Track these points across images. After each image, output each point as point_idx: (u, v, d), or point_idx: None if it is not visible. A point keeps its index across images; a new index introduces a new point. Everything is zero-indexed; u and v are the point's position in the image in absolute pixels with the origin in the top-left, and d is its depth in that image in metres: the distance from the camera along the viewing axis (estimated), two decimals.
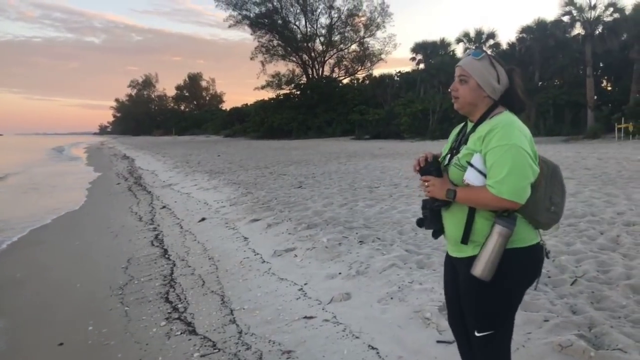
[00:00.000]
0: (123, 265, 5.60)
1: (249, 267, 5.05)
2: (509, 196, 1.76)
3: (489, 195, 1.80)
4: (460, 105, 1.98)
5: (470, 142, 1.91)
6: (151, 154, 28.66)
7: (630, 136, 21.76)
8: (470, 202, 1.87)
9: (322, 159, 18.47)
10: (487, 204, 1.84)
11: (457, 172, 1.91)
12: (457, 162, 1.92)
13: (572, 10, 29.64)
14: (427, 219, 2.02)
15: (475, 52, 1.97)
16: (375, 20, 49.93)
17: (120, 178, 16.52)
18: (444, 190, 1.89)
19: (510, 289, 1.91)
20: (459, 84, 1.96)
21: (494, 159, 1.80)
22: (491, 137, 1.82)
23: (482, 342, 1.94)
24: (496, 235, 1.79)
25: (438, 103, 30.84)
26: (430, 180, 1.94)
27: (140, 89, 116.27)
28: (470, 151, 1.89)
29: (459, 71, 1.96)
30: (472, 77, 1.92)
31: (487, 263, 1.81)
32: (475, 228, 1.89)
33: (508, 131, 1.81)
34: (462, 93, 1.95)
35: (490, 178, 1.80)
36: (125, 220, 8.53)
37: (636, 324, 3.06)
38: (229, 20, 50.91)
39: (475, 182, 1.84)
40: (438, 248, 5.04)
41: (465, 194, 1.86)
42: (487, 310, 1.91)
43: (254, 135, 48.58)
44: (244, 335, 3.50)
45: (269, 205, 8.07)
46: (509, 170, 1.76)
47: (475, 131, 1.92)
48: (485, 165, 1.84)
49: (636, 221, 5.68)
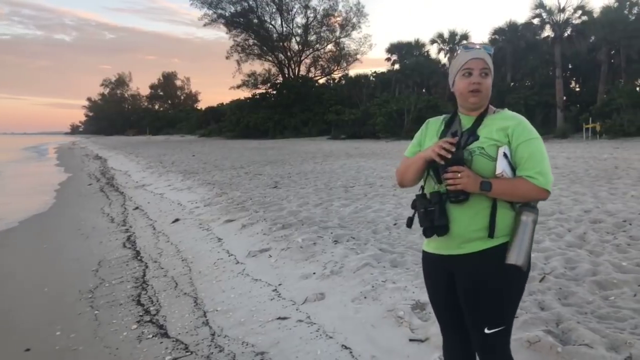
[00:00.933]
0: (93, 267, 5.48)
1: (222, 268, 5.01)
2: (549, 186, 1.80)
3: (530, 186, 1.78)
4: (481, 98, 1.90)
5: (488, 133, 1.86)
6: (124, 154, 28.15)
7: (597, 136, 22.40)
8: (505, 194, 1.81)
9: (298, 158, 18.45)
10: (524, 195, 1.81)
11: (485, 162, 1.82)
12: (483, 152, 1.83)
13: (542, 13, 30.40)
14: (434, 214, 1.85)
15: (487, 46, 1.94)
16: (350, 21, 50.19)
17: (92, 179, 16.18)
18: (478, 182, 1.77)
19: (525, 279, 1.91)
20: (482, 78, 1.88)
21: (531, 151, 1.81)
22: (521, 130, 1.84)
23: (492, 338, 1.87)
24: (531, 224, 1.79)
25: (413, 103, 31.14)
26: (465, 171, 1.78)
27: (113, 88, 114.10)
28: (495, 142, 1.83)
29: (482, 64, 1.88)
30: (491, 71, 1.91)
31: (524, 251, 1.78)
32: (499, 219, 1.83)
33: (531, 126, 1.87)
34: (486, 86, 1.89)
35: (529, 169, 1.79)
36: (96, 221, 8.35)
37: (602, 320, 3.14)
38: (204, 18, 50.46)
39: (509, 174, 1.81)
40: (411, 247, 5.09)
41: (501, 185, 1.79)
42: (503, 304, 1.87)
43: (229, 135, 48.20)
44: (217, 337, 3.47)
45: (244, 206, 8.02)
46: (546, 163, 1.81)
47: (484, 124, 1.90)
48: (512, 157, 1.83)
49: (602, 219, 5.85)
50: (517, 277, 1.86)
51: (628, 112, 22.55)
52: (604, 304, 3.39)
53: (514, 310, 1.92)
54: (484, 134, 1.87)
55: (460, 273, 1.91)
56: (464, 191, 1.78)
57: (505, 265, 1.80)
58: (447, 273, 1.96)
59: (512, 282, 1.86)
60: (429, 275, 2.09)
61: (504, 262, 1.80)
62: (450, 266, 1.93)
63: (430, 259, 2.03)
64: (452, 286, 1.96)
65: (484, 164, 1.82)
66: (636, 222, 5.61)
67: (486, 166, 1.81)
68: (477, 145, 1.85)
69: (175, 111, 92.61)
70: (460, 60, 1.92)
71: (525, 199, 1.82)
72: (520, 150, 1.81)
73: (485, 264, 1.84)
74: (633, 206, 6.53)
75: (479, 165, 1.82)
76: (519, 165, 1.82)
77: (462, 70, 1.91)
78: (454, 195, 1.80)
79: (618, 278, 3.81)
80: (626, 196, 7.32)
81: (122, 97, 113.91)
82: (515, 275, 1.83)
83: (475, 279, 1.87)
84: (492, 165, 1.81)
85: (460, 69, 1.92)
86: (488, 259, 1.83)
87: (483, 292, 1.86)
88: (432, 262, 2.03)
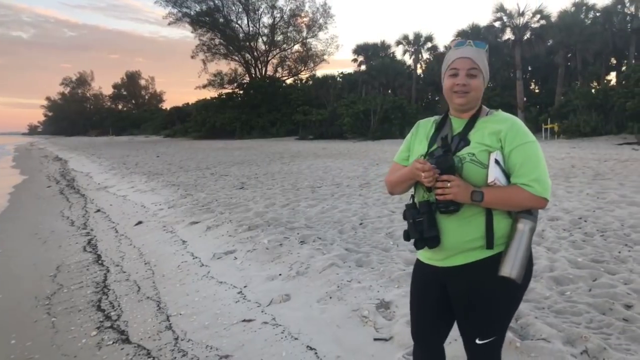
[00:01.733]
0: (51, 273, 5.29)
1: (187, 271, 4.92)
2: (547, 194, 1.68)
3: (526, 194, 1.66)
4: (469, 100, 1.77)
5: (480, 138, 1.74)
6: (86, 155, 27.36)
7: (555, 136, 23.16)
8: (498, 204, 1.68)
9: (266, 159, 18.35)
10: (520, 205, 1.68)
11: (476, 169, 1.69)
12: (474, 158, 1.70)
13: (503, 17, 31.26)
14: (422, 225, 1.72)
15: (478, 42, 1.81)
16: (317, 21, 50.28)
17: (51, 181, 15.62)
18: (469, 191, 1.66)
19: (524, 289, 1.81)
20: (468, 78, 1.76)
21: (525, 156, 1.68)
22: (514, 134, 1.70)
23: (483, 348, 1.80)
24: (528, 232, 1.68)
25: (379, 104, 31.44)
26: (455, 180, 1.66)
27: (74, 87, 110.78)
28: (486, 148, 1.71)
29: (469, 64, 1.75)
30: (481, 71, 1.77)
31: (519, 262, 1.67)
32: (497, 228, 1.72)
33: (525, 128, 1.74)
34: (475, 87, 1.76)
35: (523, 176, 1.67)
36: (55, 225, 8.07)
37: (559, 314, 3.25)
38: (168, 17, 49.51)
39: (503, 182, 1.68)
40: (376, 246, 5.14)
41: (494, 195, 1.66)
42: (498, 316, 1.79)
43: (195, 135, 47.49)
44: (180, 341, 3.40)
45: (209, 207, 7.91)
46: (542, 168, 1.69)
47: (476, 127, 1.77)
48: (505, 164, 1.70)
49: (559, 216, 6.05)
50: (514, 289, 1.75)
51: (584, 113, 23.41)
52: (560, 299, 3.51)
53: (508, 320, 1.84)
54: (475, 138, 1.75)
55: (455, 284, 1.81)
56: (455, 202, 1.67)
57: (501, 277, 1.70)
58: (439, 284, 1.86)
59: (509, 293, 1.76)
60: (419, 285, 1.96)
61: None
62: (443, 278, 1.83)
63: (423, 268, 1.91)
64: (443, 298, 1.87)
65: (475, 171, 1.70)
66: (591, 219, 5.83)
67: (477, 174, 1.69)
68: (468, 151, 1.73)
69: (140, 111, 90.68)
70: (447, 59, 1.83)
71: (520, 208, 1.70)
72: (514, 156, 1.69)
73: (482, 275, 1.73)
74: (588, 204, 6.78)
75: (469, 174, 1.70)
76: (513, 172, 1.70)
77: (449, 70, 1.81)
78: (443, 205, 1.69)
79: (574, 273, 3.95)
80: (582, 194, 7.60)
81: (84, 96, 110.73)
82: (513, 286, 1.72)
83: (471, 291, 1.77)
84: (484, 173, 1.69)
85: (447, 69, 1.82)
86: (484, 270, 1.73)
87: (478, 305, 1.76)
88: (424, 272, 1.91)
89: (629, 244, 4.75)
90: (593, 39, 28.49)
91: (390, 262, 4.52)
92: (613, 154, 14.52)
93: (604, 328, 3.01)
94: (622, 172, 10.02)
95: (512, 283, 1.70)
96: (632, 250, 4.54)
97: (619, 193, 7.47)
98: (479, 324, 1.79)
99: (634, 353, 2.69)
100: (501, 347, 1.86)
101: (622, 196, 7.22)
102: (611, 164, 11.69)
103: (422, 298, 1.94)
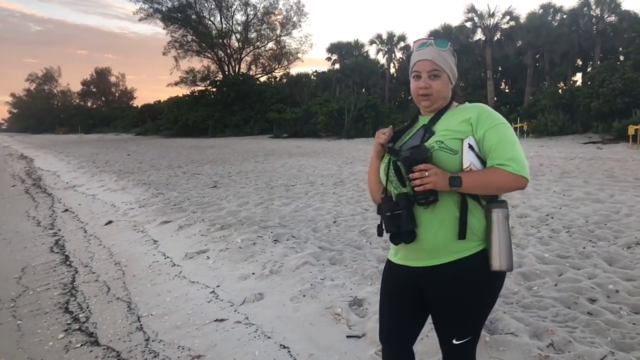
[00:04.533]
0: (16, 275, 5.13)
1: (158, 271, 4.85)
2: (526, 172, 1.64)
3: (505, 175, 1.63)
4: (433, 101, 1.77)
5: (446, 125, 1.73)
6: (53, 153, 26.60)
7: (525, 135, 23.69)
8: (477, 188, 1.65)
9: (239, 157, 18.21)
10: (500, 186, 1.66)
11: (447, 156, 1.67)
12: (442, 145, 1.68)
13: (474, 17, 31.82)
14: (400, 218, 1.68)
15: (440, 41, 1.77)
16: (291, 19, 50.18)
17: (16, 180, 15.14)
18: (447, 178, 1.61)
19: (500, 288, 1.80)
20: (430, 80, 1.75)
21: (499, 137, 1.66)
22: (485, 117, 1.70)
23: (459, 348, 1.78)
24: (504, 220, 1.66)
25: (353, 103, 31.57)
26: (433, 169, 1.62)
27: (40, 83, 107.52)
28: (456, 134, 1.69)
29: (430, 65, 1.74)
30: (444, 70, 1.76)
31: (505, 252, 1.65)
32: (472, 220, 1.69)
33: (494, 112, 1.73)
34: (437, 89, 1.75)
35: (500, 157, 1.65)
36: (20, 225, 7.83)
37: (526, 309, 3.33)
38: (139, 13, 48.86)
39: (478, 167, 1.66)
40: (350, 244, 5.17)
41: (472, 178, 1.63)
42: (475, 316, 1.77)
43: (167, 133, 46.75)
44: (151, 342, 3.35)
45: (181, 206, 7.81)
46: (518, 147, 1.67)
47: (442, 119, 1.76)
48: (479, 148, 1.69)
49: (527, 213, 6.20)
50: (491, 288, 1.75)
51: (551, 112, 24.01)
52: (527, 294, 3.60)
53: (484, 320, 1.82)
54: (441, 127, 1.74)
55: (431, 286, 1.77)
56: (433, 191, 1.63)
57: (479, 276, 1.70)
58: (413, 286, 1.81)
59: (486, 293, 1.75)
60: (392, 287, 1.89)
61: (477, 273, 1.70)
62: (419, 278, 1.78)
63: (396, 270, 1.85)
64: (417, 300, 1.82)
65: (445, 158, 1.67)
66: (557, 216, 6.00)
67: (449, 161, 1.67)
68: (435, 139, 1.71)
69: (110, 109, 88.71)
70: (411, 62, 1.82)
71: (501, 190, 1.69)
72: (487, 138, 1.67)
73: (459, 276, 1.71)
74: (555, 201, 6.97)
75: (440, 161, 1.67)
76: (488, 155, 1.68)
77: (412, 73, 1.80)
78: (422, 196, 1.63)
79: (540, 269, 4.06)
80: (549, 192, 7.80)
81: (51, 93, 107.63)
82: (490, 286, 1.73)
83: (448, 292, 1.73)
84: (456, 160, 1.67)
85: (411, 71, 1.81)
86: (461, 270, 1.70)
87: (455, 306, 1.74)
88: (397, 274, 1.85)
89: (592, 240, 4.91)
90: (560, 40, 29.25)
91: (363, 259, 4.56)
92: (579, 153, 14.96)
93: (569, 322, 3.11)
94: (587, 170, 10.34)
95: (489, 284, 1.72)
96: (596, 246, 4.69)
97: (584, 190, 7.71)
98: (456, 325, 1.77)
99: (599, 345, 2.78)
100: (476, 345, 1.86)
101: (587, 193, 7.45)
102: (577, 162, 12.04)
103: (395, 301, 1.87)
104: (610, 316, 3.14)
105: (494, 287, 1.77)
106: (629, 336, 2.87)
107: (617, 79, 21.95)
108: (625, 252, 4.49)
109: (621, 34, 28.60)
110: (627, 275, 3.88)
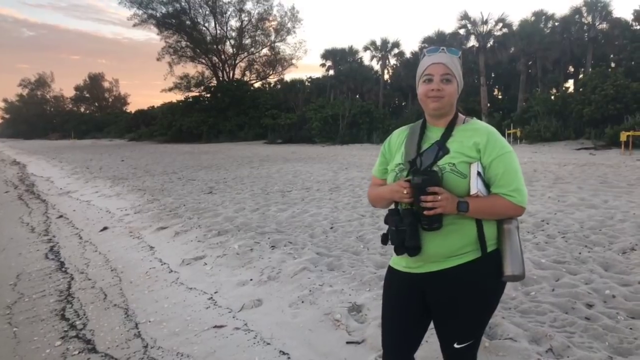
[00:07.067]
0: (11, 282, 5.09)
1: (155, 278, 4.83)
2: (525, 203, 1.75)
3: (507, 204, 1.73)
4: (443, 105, 1.79)
5: (459, 147, 1.76)
6: (46, 159, 26.44)
7: (518, 141, 23.84)
8: (481, 213, 1.73)
9: (234, 163, 18.19)
10: (503, 214, 1.75)
11: (456, 179, 1.71)
12: (454, 168, 1.72)
13: (467, 24, 32.12)
14: (404, 234, 1.72)
15: (452, 49, 1.82)
16: (285, 25, 50.23)
17: (9, 186, 15.03)
18: (455, 202, 1.67)
19: (502, 293, 1.86)
20: (442, 84, 1.77)
21: (505, 167, 1.73)
22: (493, 145, 1.74)
23: (461, 353, 1.82)
24: (515, 230, 1.77)
25: (347, 108, 31.68)
26: (445, 194, 1.66)
27: (33, 88, 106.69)
28: (466, 158, 1.74)
29: (443, 69, 1.78)
30: (455, 77, 1.80)
31: (518, 259, 1.73)
32: (487, 233, 1.77)
33: (502, 139, 1.79)
34: (449, 92, 1.78)
35: (504, 186, 1.73)
36: (14, 232, 7.78)
37: (524, 314, 3.35)
38: (133, 19, 48.46)
39: (484, 193, 1.73)
40: (347, 249, 5.17)
41: (478, 204, 1.70)
42: (477, 320, 1.80)
43: (161, 139, 46.60)
44: (149, 349, 3.33)
45: (177, 212, 7.79)
46: (520, 176, 1.76)
47: (454, 136, 1.79)
48: (484, 174, 1.75)
49: (523, 219, 6.23)
50: (494, 293, 1.81)
51: (544, 118, 24.20)
52: (525, 299, 3.62)
53: (485, 323, 1.86)
54: (454, 147, 1.76)
55: (433, 289, 1.80)
56: (439, 219, 1.68)
57: (481, 279, 1.75)
58: (417, 291, 1.84)
59: (489, 297, 1.80)
60: (395, 294, 1.91)
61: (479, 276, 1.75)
62: (421, 284, 1.82)
63: (399, 277, 1.88)
64: (420, 305, 1.85)
65: (455, 181, 1.71)
66: (553, 221, 6.04)
67: (458, 184, 1.71)
68: (448, 161, 1.74)
69: (103, 114, 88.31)
70: (421, 67, 1.84)
71: (501, 217, 1.77)
72: (494, 167, 1.74)
73: (462, 280, 1.74)
74: (550, 207, 7.02)
75: (449, 184, 1.71)
76: (493, 182, 1.75)
77: (423, 77, 1.82)
78: (427, 223, 1.69)
79: (538, 274, 4.08)
80: (544, 197, 7.86)
81: (44, 98, 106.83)
82: (492, 290, 1.79)
83: (451, 296, 1.77)
84: (464, 183, 1.72)
85: (421, 76, 1.83)
86: (464, 275, 1.74)
87: (457, 309, 1.77)
88: (400, 280, 1.87)
89: (588, 245, 4.95)
90: (552, 47, 29.57)
91: (361, 265, 4.56)
92: (572, 159, 15.07)
93: (567, 326, 3.13)
94: (581, 176, 10.42)
95: (492, 288, 1.78)
96: (591, 251, 4.73)
97: (578, 196, 7.76)
98: (458, 329, 1.80)
99: (597, 350, 2.80)
100: (477, 349, 1.89)
101: (581, 199, 7.51)
102: (570, 168, 12.13)
103: (399, 307, 1.89)
104: (607, 321, 3.16)
105: (496, 290, 1.81)
106: (627, 341, 2.90)
107: (608, 85, 22.19)
108: (621, 257, 4.53)
109: (612, 41, 28.97)
110: (623, 281, 3.91)
